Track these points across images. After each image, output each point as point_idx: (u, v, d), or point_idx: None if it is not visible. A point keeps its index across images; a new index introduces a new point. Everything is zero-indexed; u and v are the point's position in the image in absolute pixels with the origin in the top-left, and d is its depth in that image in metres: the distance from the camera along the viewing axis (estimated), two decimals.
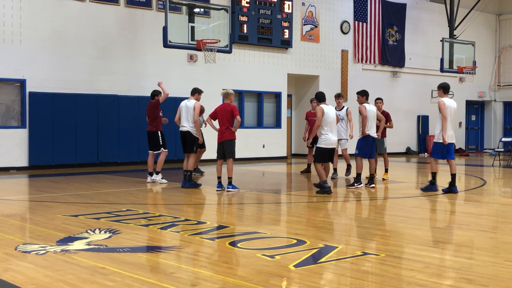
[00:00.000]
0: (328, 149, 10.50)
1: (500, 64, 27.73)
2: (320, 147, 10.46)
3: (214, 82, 18.49)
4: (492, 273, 5.11)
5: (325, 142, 10.41)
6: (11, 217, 8.09)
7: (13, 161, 15.16)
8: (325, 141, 10.40)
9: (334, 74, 22.01)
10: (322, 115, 10.29)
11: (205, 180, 12.88)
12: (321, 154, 10.48)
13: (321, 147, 10.44)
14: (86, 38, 16.20)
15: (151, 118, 12.21)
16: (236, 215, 8.66)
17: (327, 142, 10.41)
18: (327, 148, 10.44)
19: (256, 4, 19.23)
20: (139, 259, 5.54)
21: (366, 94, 11.85)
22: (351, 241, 6.62)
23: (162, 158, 12.21)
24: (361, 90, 12.03)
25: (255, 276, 4.92)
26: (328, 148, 10.48)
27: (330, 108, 10.60)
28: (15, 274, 4.96)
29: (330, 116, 10.42)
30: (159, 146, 12.13)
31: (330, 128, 10.40)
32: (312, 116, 14.63)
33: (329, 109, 10.52)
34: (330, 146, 10.49)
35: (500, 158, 18.33)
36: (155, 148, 12.18)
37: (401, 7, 23.95)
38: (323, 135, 10.39)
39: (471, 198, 10.56)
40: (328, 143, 10.42)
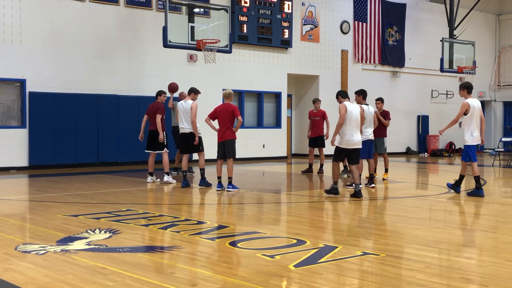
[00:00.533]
0: (348, 150, 9.96)
1: (500, 64, 27.73)
2: (339, 147, 9.98)
3: (214, 82, 18.51)
4: (492, 273, 5.11)
5: (345, 143, 9.90)
6: (11, 217, 8.09)
7: (13, 161, 15.16)
8: (346, 141, 9.89)
9: (334, 74, 22.02)
10: (345, 112, 9.77)
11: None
12: (339, 153, 10.03)
13: (340, 147, 9.96)
14: (86, 38, 16.20)
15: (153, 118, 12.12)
16: (236, 215, 8.66)
17: (348, 143, 9.89)
18: (346, 148, 9.93)
19: (256, 4, 19.23)
20: (139, 259, 5.54)
21: (362, 93, 11.77)
22: (351, 241, 6.61)
23: (166, 159, 12.19)
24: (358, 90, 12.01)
25: (255, 276, 4.92)
26: (348, 149, 9.94)
27: (354, 106, 10.10)
28: (15, 274, 4.96)
29: (354, 114, 9.90)
30: (163, 146, 12.11)
31: (351, 127, 9.86)
32: (314, 116, 14.70)
33: (353, 107, 10.00)
34: (350, 147, 9.92)
35: (500, 158, 18.34)
36: (159, 148, 12.14)
37: (401, 7, 23.95)
38: (344, 135, 9.86)
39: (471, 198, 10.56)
40: (348, 143, 9.89)
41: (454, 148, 25.34)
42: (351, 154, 10.04)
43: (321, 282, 4.77)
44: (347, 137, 9.83)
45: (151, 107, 12.28)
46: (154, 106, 12.20)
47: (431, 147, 24.32)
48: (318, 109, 14.65)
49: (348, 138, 9.82)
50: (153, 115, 12.12)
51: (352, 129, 9.84)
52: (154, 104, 12.24)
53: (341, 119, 9.75)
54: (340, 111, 9.79)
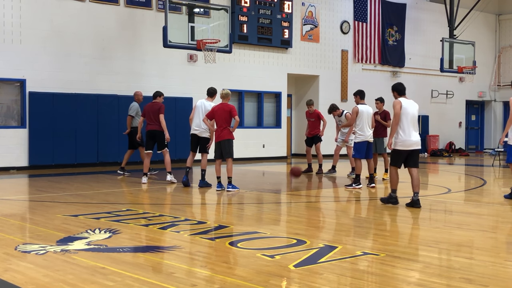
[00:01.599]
0: (406, 152, 8.89)
1: (500, 64, 27.74)
2: (395, 149, 8.93)
3: (214, 82, 18.40)
4: (492, 273, 5.11)
5: (401, 143, 8.86)
6: (11, 217, 8.09)
7: (13, 161, 15.16)
8: (402, 142, 8.86)
9: (334, 74, 22.02)
10: (400, 109, 8.79)
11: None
12: (397, 157, 8.95)
13: (397, 149, 8.90)
14: (86, 38, 16.20)
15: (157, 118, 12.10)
16: (236, 215, 8.66)
17: (404, 143, 8.85)
18: (404, 150, 8.88)
19: (256, 4, 19.24)
20: (139, 259, 5.53)
21: (360, 94, 11.84)
22: (351, 241, 6.61)
23: (168, 158, 12.19)
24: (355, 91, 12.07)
25: (255, 276, 4.92)
26: (406, 150, 8.88)
27: (410, 102, 9.01)
28: (15, 274, 4.96)
29: (410, 111, 8.87)
30: (164, 145, 12.10)
31: (408, 125, 8.84)
32: (309, 117, 14.77)
33: (409, 104, 8.96)
34: (409, 148, 8.89)
35: (500, 158, 18.33)
36: (160, 147, 12.11)
37: (401, 7, 23.95)
38: (399, 135, 8.86)
39: (471, 198, 10.56)
40: (405, 144, 8.85)
41: (454, 148, 25.35)
42: (409, 156, 8.94)
43: (321, 282, 4.77)
44: (404, 137, 8.82)
45: (149, 108, 12.12)
46: (153, 107, 12.08)
47: (431, 147, 24.32)
48: (312, 109, 14.68)
49: (405, 138, 8.81)
50: (153, 115, 12.04)
51: (409, 127, 8.82)
52: (153, 104, 12.12)
53: (396, 117, 8.81)
54: (394, 108, 8.84)
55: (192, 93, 17.82)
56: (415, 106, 9.05)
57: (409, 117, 8.83)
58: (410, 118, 8.84)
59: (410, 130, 8.81)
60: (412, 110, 8.92)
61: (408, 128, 8.80)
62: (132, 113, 13.54)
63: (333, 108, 13.92)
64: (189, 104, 17.34)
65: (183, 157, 12.34)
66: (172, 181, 12.07)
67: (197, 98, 15.25)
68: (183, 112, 16.42)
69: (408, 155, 8.91)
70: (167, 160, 12.15)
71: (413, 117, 8.91)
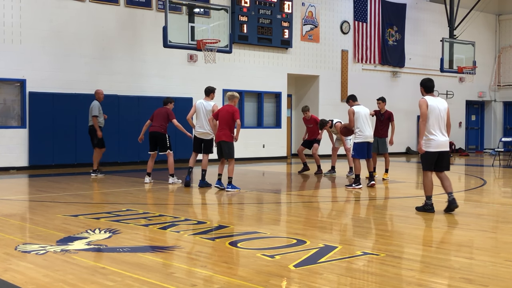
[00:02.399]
0: (436, 153, 8.31)
1: (500, 64, 27.73)
2: (426, 151, 8.33)
3: (214, 82, 18.42)
4: (492, 273, 5.11)
5: (432, 145, 8.30)
6: (11, 217, 8.09)
7: (13, 161, 15.16)
8: (432, 143, 8.30)
9: (334, 74, 22.02)
10: (426, 108, 8.21)
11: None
12: (428, 160, 8.34)
13: (428, 151, 8.31)
14: (86, 38, 16.20)
15: (164, 122, 12.12)
16: (236, 215, 8.66)
17: (435, 144, 8.28)
18: (433, 152, 8.30)
19: (256, 4, 19.23)
20: (139, 259, 5.53)
21: (351, 98, 11.94)
22: (351, 241, 6.61)
23: (172, 160, 12.21)
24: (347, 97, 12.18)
25: (255, 276, 4.92)
26: (435, 152, 8.30)
27: (438, 100, 8.42)
28: (15, 274, 4.96)
29: (437, 110, 8.27)
30: (167, 148, 12.13)
31: (437, 125, 8.27)
32: (307, 123, 14.79)
33: (437, 102, 8.35)
34: (437, 149, 8.31)
35: (500, 158, 18.33)
36: (163, 149, 12.14)
37: (401, 7, 23.95)
38: (428, 136, 8.28)
39: (471, 198, 10.56)
40: (436, 144, 8.27)
41: (454, 148, 25.35)
42: (439, 159, 8.37)
43: (321, 282, 4.77)
44: (431, 138, 8.25)
45: (157, 112, 12.25)
46: (161, 111, 12.19)
47: None
48: (308, 115, 14.68)
49: (434, 138, 8.25)
50: (158, 118, 12.10)
51: (434, 127, 8.24)
52: (162, 109, 12.25)
53: (423, 117, 8.21)
54: (421, 108, 8.22)
55: (192, 93, 17.82)
56: (444, 104, 8.44)
57: (436, 117, 8.24)
58: (438, 116, 8.26)
59: (436, 130, 8.24)
60: (440, 108, 8.30)
61: (435, 128, 8.24)
62: (96, 113, 13.39)
63: (323, 123, 13.91)
64: (189, 104, 17.28)
65: (183, 157, 12.35)
66: (174, 183, 12.07)
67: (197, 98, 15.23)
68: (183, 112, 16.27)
69: (438, 157, 8.33)
70: (170, 162, 12.16)
71: (442, 115, 8.31)
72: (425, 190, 8.45)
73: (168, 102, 12.41)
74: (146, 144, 12.67)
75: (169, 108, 12.26)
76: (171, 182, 12.08)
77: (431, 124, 8.23)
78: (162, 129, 12.06)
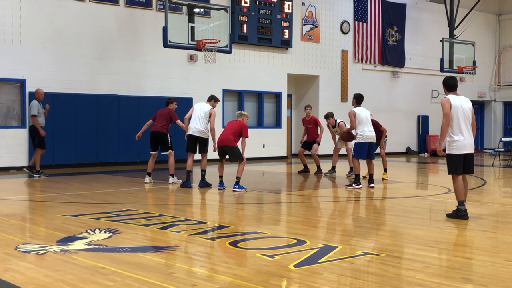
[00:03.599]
0: (462, 155, 7.94)
1: (500, 64, 27.73)
2: (450, 154, 7.96)
3: (214, 82, 18.51)
4: (492, 273, 5.11)
5: (457, 147, 7.90)
6: (11, 217, 8.09)
7: (13, 161, 15.15)
8: (457, 145, 7.90)
9: (334, 74, 22.02)
10: (449, 108, 7.79)
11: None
12: (454, 163, 7.95)
13: (452, 153, 7.94)
14: (86, 38, 16.20)
15: (166, 122, 12.15)
16: (236, 215, 8.66)
17: (460, 145, 7.88)
18: (459, 154, 7.93)
19: (256, 4, 19.24)
20: (139, 259, 5.53)
21: (357, 98, 11.92)
22: (351, 241, 6.61)
23: (173, 160, 12.22)
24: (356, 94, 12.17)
25: (255, 276, 4.92)
26: (461, 154, 7.94)
27: (461, 99, 7.97)
28: (15, 274, 4.96)
29: (461, 109, 7.85)
30: (168, 148, 12.15)
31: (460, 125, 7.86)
32: (307, 124, 14.77)
33: (460, 101, 7.92)
34: (464, 152, 7.94)
35: (500, 158, 18.34)
36: (164, 149, 12.16)
37: (401, 7, 23.95)
38: (454, 137, 7.88)
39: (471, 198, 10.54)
40: (461, 145, 7.88)
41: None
42: (466, 161, 8.01)
43: (321, 282, 4.77)
44: (458, 139, 7.86)
45: (160, 112, 12.30)
46: (163, 111, 12.23)
47: (431, 147, 24.31)
48: (309, 115, 14.65)
49: (460, 139, 7.86)
50: (160, 118, 12.14)
51: (460, 128, 7.83)
52: (164, 109, 12.29)
53: (446, 117, 7.77)
54: (444, 108, 7.80)
55: (192, 93, 17.82)
56: (468, 103, 7.98)
57: (460, 116, 7.81)
58: (462, 116, 7.83)
59: (461, 131, 7.83)
60: (464, 107, 7.86)
61: (460, 129, 7.83)
62: (34, 112, 13.23)
63: (329, 115, 13.92)
64: (189, 104, 17.29)
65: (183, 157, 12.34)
66: (174, 182, 12.07)
67: (197, 98, 15.31)
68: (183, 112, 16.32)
69: (464, 160, 7.96)
70: (171, 162, 12.17)
71: (466, 115, 7.87)
72: (456, 195, 7.99)
73: (170, 102, 12.45)
74: (147, 144, 12.68)
75: (171, 109, 12.32)
76: (171, 182, 12.10)
77: (456, 125, 7.80)
78: (164, 129, 12.12)
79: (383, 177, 13.12)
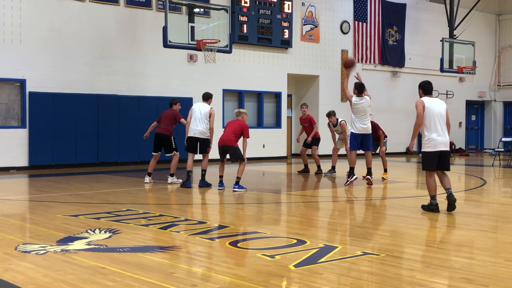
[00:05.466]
0: (437, 153, 8.29)
1: (500, 64, 27.73)
2: (425, 152, 8.36)
3: (214, 82, 18.51)
4: (492, 273, 5.11)
5: (429, 145, 8.30)
6: (11, 217, 8.09)
7: (13, 161, 15.16)
8: (431, 142, 8.29)
9: (334, 74, 22.02)
10: (422, 110, 8.21)
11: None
12: (429, 160, 8.35)
13: (426, 151, 8.34)
14: (86, 38, 16.20)
15: (170, 124, 12.16)
16: (236, 215, 8.66)
17: (434, 143, 8.28)
18: (435, 151, 8.29)
19: (256, 4, 19.24)
20: (139, 259, 5.53)
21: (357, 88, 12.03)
22: (351, 241, 6.61)
23: (176, 161, 12.24)
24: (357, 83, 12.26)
25: (255, 276, 4.92)
26: (436, 152, 8.29)
27: (435, 101, 8.39)
28: (15, 274, 4.96)
29: (434, 111, 8.24)
30: (172, 149, 12.19)
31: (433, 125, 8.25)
32: (303, 122, 14.79)
33: (433, 103, 8.34)
34: (438, 149, 8.29)
35: (500, 158, 18.33)
36: (168, 151, 12.18)
37: (401, 7, 23.96)
38: (427, 135, 8.29)
39: (471, 198, 10.56)
40: (435, 143, 8.28)
41: (454, 148, 25.35)
42: (441, 158, 8.37)
43: (321, 282, 4.77)
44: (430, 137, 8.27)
45: (164, 114, 12.32)
46: (168, 113, 12.26)
47: None
48: (305, 114, 14.65)
49: (433, 137, 8.25)
50: (165, 120, 12.16)
51: (435, 127, 8.25)
52: (169, 111, 12.31)
53: (418, 118, 8.22)
54: (417, 108, 8.25)
55: (192, 93, 17.82)
56: (442, 104, 8.44)
57: (434, 117, 8.23)
58: (435, 117, 8.23)
59: (435, 130, 8.24)
60: (438, 109, 8.29)
61: (434, 128, 8.23)
62: None
63: (331, 113, 13.87)
64: (189, 104, 17.25)
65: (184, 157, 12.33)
66: (174, 182, 12.07)
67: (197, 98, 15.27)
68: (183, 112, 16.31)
69: (439, 157, 8.32)
70: (174, 163, 12.19)
71: (439, 116, 8.27)
72: (429, 190, 8.47)
73: (174, 103, 12.47)
74: (147, 144, 12.69)
75: (175, 110, 12.33)
76: (170, 182, 12.10)
77: (430, 124, 8.24)
78: (167, 132, 12.15)
79: (383, 177, 13.12)
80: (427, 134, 8.27)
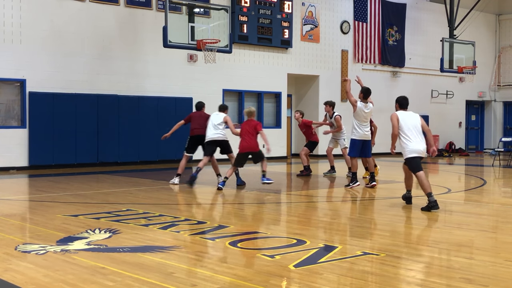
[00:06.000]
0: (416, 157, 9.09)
1: (500, 64, 27.73)
2: (408, 157, 9.16)
3: (214, 82, 18.51)
4: (492, 273, 5.11)
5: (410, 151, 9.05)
6: (11, 217, 8.09)
7: (13, 161, 15.16)
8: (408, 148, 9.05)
9: (334, 74, 22.01)
10: (397, 122, 9.04)
11: (205, 180, 12.85)
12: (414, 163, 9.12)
13: (408, 157, 9.13)
14: (86, 38, 16.20)
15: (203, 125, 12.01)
16: (236, 215, 8.66)
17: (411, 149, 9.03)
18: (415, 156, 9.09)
19: (256, 4, 19.23)
20: (139, 259, 5.53)
21: (364, 93, 12.00)
22: (351, 241, 6.61)
23: (184, 162, 12.27)
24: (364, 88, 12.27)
25: (255, 276, 4.92)
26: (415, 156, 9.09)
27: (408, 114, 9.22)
28: (15, 274, 4.96)
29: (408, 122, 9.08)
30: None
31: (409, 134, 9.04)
32: (301, 129, 14.89)
33: (407, 115, 9.17)
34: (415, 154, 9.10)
35: (500, 158, 18.33)
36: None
37: (401, 7, 23.95)
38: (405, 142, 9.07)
39: (471, 198, 10.56)
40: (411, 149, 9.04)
41: (454, 148, 25.35)
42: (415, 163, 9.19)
43: (321, 282, 4.77)
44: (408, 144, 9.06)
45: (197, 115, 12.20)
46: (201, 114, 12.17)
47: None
48: (299, 121, 14.66)
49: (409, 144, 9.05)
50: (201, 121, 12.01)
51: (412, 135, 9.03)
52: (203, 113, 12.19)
53: (394, 129, 9.06)
54: (392, 121, 9.08)
55: (192, 93, 17.82)
56: (415, 117, 9.21)
57: (408, 127, 9.03)
58: (409, 127, 9.02)
59: (411, 137, 9.01)
60: (411, 120, 9.10)
61: (409, 136, 9.01)
62: None
63: (328, 102, 14.12)
64: (189, 104, 17.35)
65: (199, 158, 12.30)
66: (174, 182, 12.06)
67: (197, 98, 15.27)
68: (184, 112, 16.42)
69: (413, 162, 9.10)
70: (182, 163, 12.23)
71: (413, 126, 9.07)
72: (423, 189, 8.85)
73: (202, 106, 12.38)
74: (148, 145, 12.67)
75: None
76: (171, 182, 12.08)
77: (406, 133, 9.02)
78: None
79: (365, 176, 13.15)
80: (405, 141, 9.03)
